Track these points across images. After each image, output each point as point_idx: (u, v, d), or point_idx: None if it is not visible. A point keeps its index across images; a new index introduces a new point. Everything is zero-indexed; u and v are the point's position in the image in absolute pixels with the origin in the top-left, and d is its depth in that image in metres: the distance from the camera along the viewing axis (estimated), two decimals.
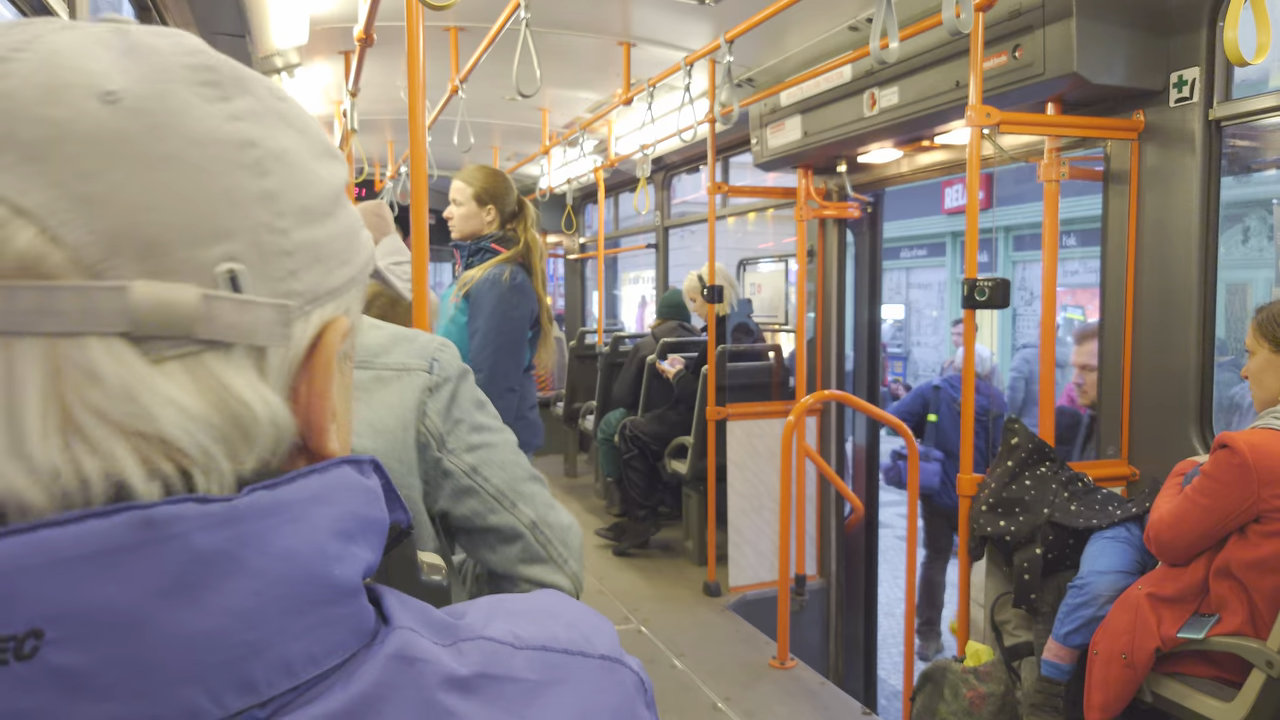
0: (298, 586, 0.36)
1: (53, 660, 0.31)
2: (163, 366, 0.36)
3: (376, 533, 0.41)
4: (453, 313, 2.86)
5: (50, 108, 0.35)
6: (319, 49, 4.10)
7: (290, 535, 0.36)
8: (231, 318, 0.37)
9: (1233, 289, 8.10)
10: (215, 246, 0.37)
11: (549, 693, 0.42)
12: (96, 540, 0.33)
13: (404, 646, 0.39)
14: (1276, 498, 1.95)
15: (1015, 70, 2.76)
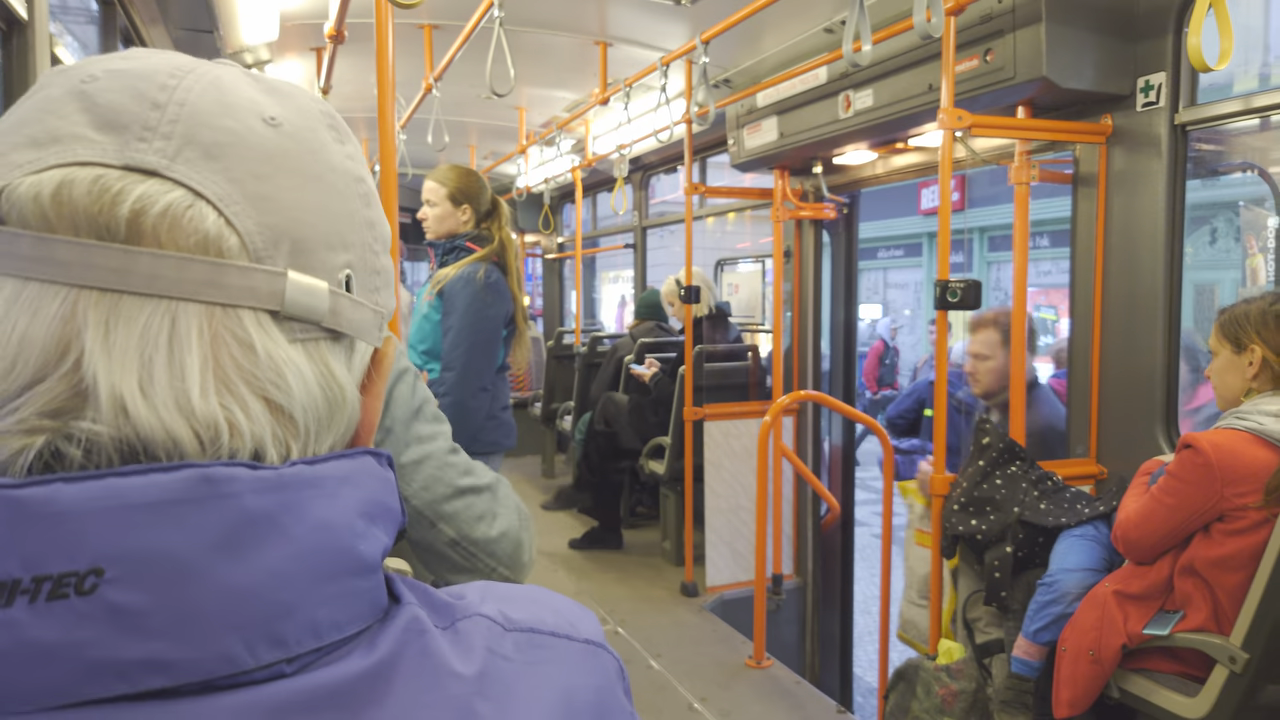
0: (328, 556, 0.40)
1: (110, 597, 0.35)
2: (295, 347, 0.42)
3: (392, 520, 0.44)
4: (426, 310, 2.85)
5: (225, 119, 0.42)
6: (290, 45, 4.07)
7: (325, 508, 0.40)
8: (349, 314, 0.45)
9: (1201, 289, 8.22)
10: (341, 254, 0.45)
11: (537, 671, 0.46)
12: (160, 491, 0.36)
13: (414, 621, 0.43)
14: (1239, 496, 1.98)
15: (986, 74, 2.78)
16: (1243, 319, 2.13)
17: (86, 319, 0.38)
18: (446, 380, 2.68)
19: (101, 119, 0.41)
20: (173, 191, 0.40)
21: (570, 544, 5.20)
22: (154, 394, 0.38)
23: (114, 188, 0.39)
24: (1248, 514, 1.97)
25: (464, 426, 2.67)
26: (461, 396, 2.66)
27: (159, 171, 0.40)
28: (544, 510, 5.72)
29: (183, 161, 0.40)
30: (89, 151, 0.40)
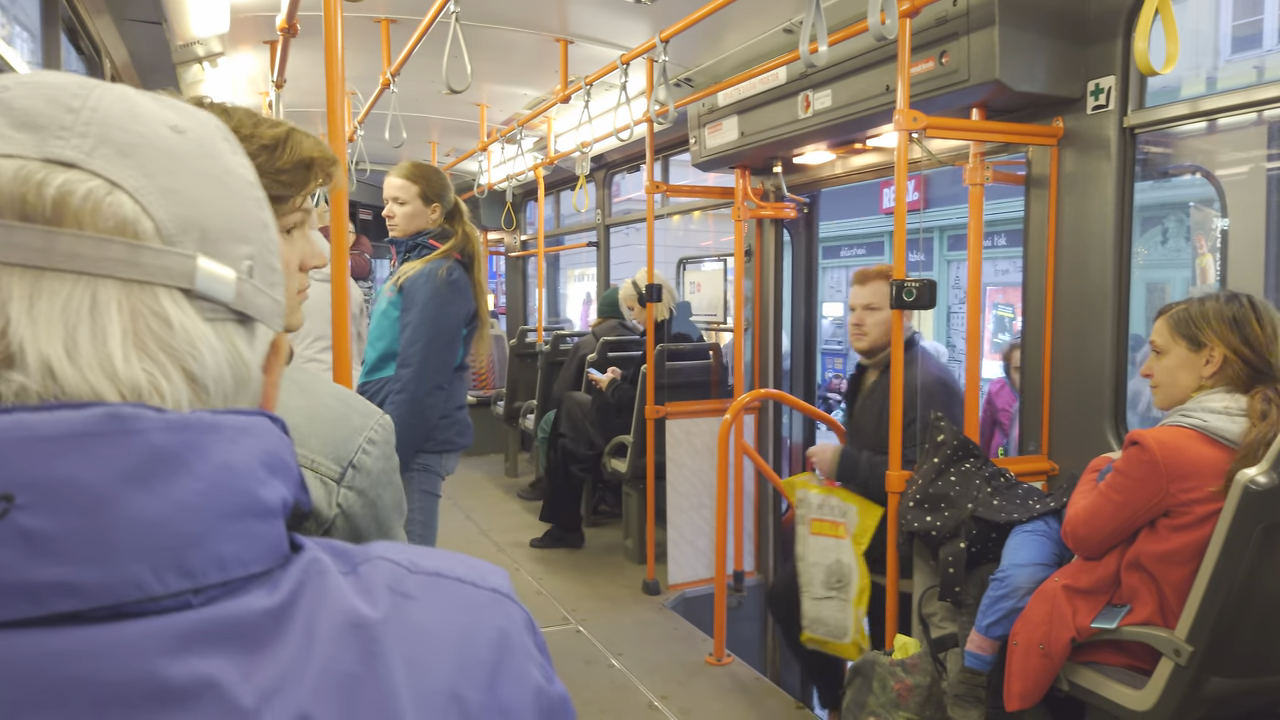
0: (232, 496, 0.42)
1: (20, 522, 0.37)
2: (207, 325, 0.46)
3: (290, 477, 0.47)
4: (384, 306, 2.81)
5: (135, 124, 0.46)
6: (243, 38, 4.01)
7: (227, 451, 0.43)
8: (253, 299, 0.49)
9: (1153, 288, 8.38)
10: (243, 246, 0.49)
11: (439, 611, 0.49)
12: (69, 425, 0.39)
13: (316, 563, 0.46)
14: (1184, 493, 2.02)
15: (942, 76, 2.81)
16: (1199, 318, 2.13)
17: (10, 293, 0.41)
18: (402, 377, 2.65)
19: (18, 120, 0.44)
20: (91, 180, 0.43)
21: (531, 543, 5.18)
22: (79, 358, 0.41)
23: (37, 176, 0.42)
24: (1192, 510, 2.01)
25: (419, 425, 2.64)
26: (417, 394, 2.63)
27: (77, 164, 0.43)
28: (520, 499, 5.68)
29: (99, 157, 0.44)
30: (8, 146, 0.43)
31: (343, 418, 1.06)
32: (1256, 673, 2.05)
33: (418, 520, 2.72)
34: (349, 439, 1.04)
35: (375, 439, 1.07)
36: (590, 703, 3.28)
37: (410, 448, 2.65)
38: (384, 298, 2.84)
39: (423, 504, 2.73)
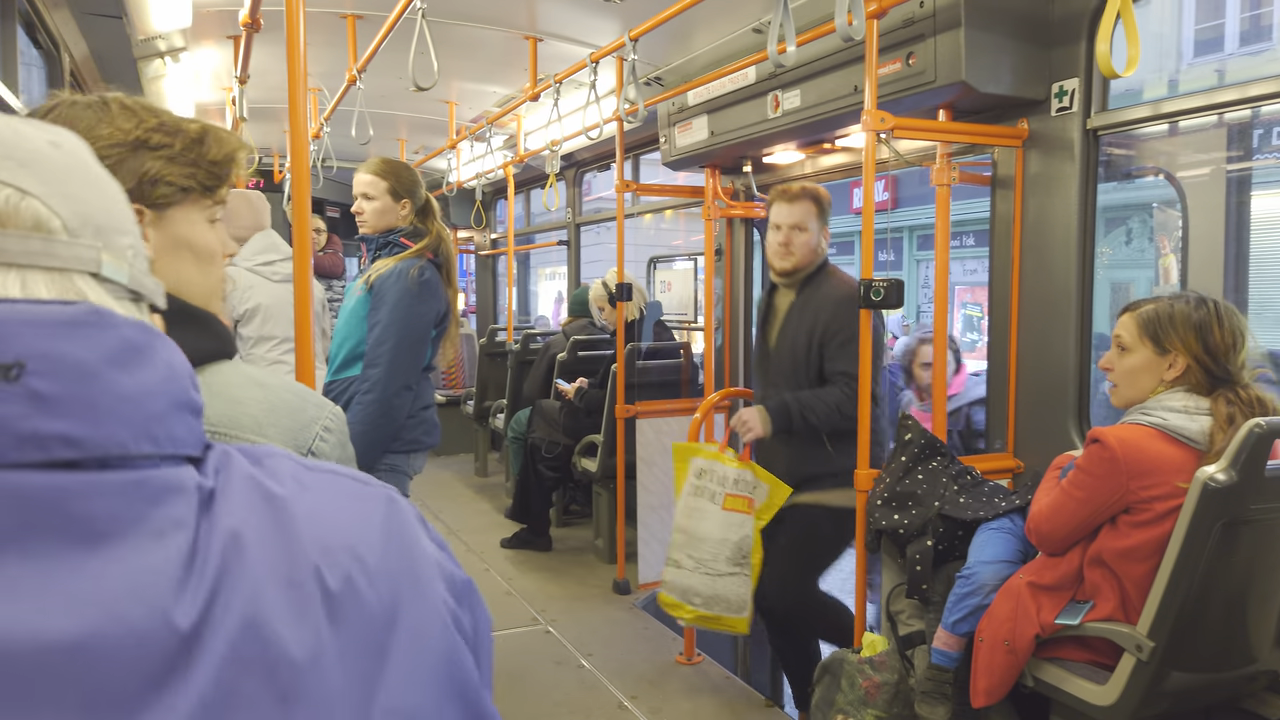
0: (178, 388, 0.53)
1: (31, 384, 0.46)
2: (115, 303, 0.54)
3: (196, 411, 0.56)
4: (353, 304, 2.78)
5: (25, 142, 0.54)
6: (206, 33, 3.95)
7: (173, 356, 0.54)
8: (142, 280, 0.58)
9: (1117, 287, 8.50)
10: (125, 237, 0.57)
11: (336, 496, 0.59)
12: (66, 315, 0.49)
13: (227, 454, 0.57)
14: (1144, 489, 2.04)
15: (909, 77, 2.83)
16: (1167, 322, 2.13)
17: None
18: (370, 377, 2.62)
19: None
20: (5, 189, 0.52)
21: (502, 543, 5.16)
22: None
23: None
24: (1153, 506, 2.04)
25: (386, 425, 2.62)
26: (385, 394, 2.60)
27: None
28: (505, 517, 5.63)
29: (5, 170, 0.52)
30: None
31: (298, 409, 1.09)
32: (1216, 667, 2.08)
33: None
34: (306, 427, 1.08)
35: (331, 427, 1.12)
36: (560, 703, 3.27)
37: (377, 448, 2.62)
38: (353, 296, 2.81)
39: None
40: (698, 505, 3.18)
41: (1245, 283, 2.91)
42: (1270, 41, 9.77)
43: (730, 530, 3.13)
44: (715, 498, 3.16)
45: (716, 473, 3.17)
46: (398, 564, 0.57)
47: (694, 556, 3.16)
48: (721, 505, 3.15)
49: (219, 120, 5.78)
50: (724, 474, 3.17)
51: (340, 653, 0.51)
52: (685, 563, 3.18)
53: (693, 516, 3.18)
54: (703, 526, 3.16)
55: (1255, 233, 3.03)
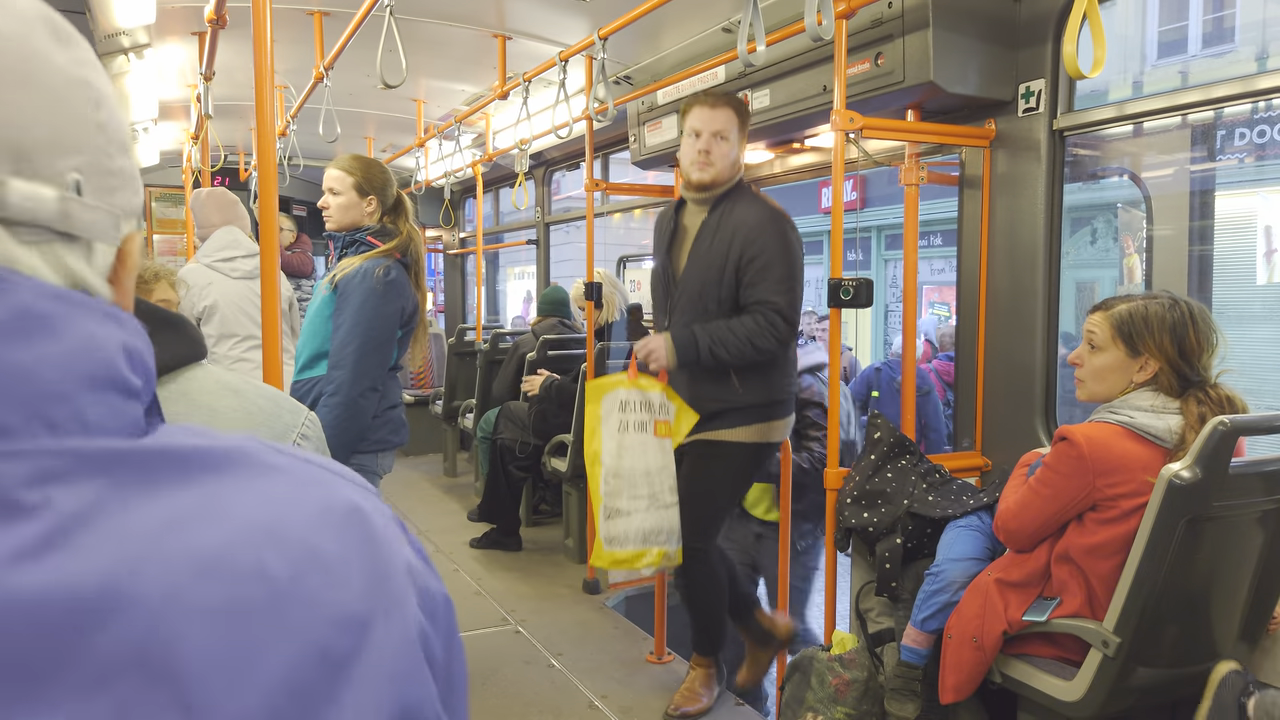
0: (95, 365, 0.44)
1: None
2: (28, 249, 0.45)
3: (146, 376, 0.48)
4: (319, 304, 2.74)
5: None
6: (170, 29, 3.89)
7: (96, 328, 0.45)
8: (81, 216, 0.47)
9: (1082, 287, 8.62)
10: (67, 159, 0.46)
11: (298, 484, 0.49)
12: None
13: (166, 433, 0.48)
14: (1110, 487, 2.07)
15: (877, 77, 2.85)
16: (1142, 325, 2.12)
17: None
18: (335, 379, 2.59)
19: None
20: None
21: (471, 543, 5.13)
22: None
23: None
24: (1119, 504, 2.06)
25: (353, 426, 2.59)
26: (350, 395, 2.57)
27: None
28: (469, 520, 5.61)
29: None
30: None
31: (274, 416, 1.07)
32: (1181, 662, 2.11)
33: None
34: (282, 436, 1.06)
35: (308, 434, 1.10)
36: (530, 703, 3.26)
37: (344, 449, 2.59)
38: (319, 295, 2.77)
39: None
40: (629, 441, 2.87)
41: (1209, 282, 2.95)
42: (1233, 44, 9.95)
43: (668, 457, 2.87)
44: (646, 427, 2.87)
45: (640, 400, 2.88)
46: (363, 562, 0.48)
47: (640, 495, 2.86)
48: (654, 433, 2.88)
49: (184, 118, 5.70)
50: (649, 400, 2.88)
51: None
52: (628, 505, 2.85)
53: (626, 455, 2.86)
54: (642, 461, 2.85)
55: (1218, 232, 3.08)
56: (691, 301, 2.88)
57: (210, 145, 5.04)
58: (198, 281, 3.59)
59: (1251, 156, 7.78)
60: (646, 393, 2.88)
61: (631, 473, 2.85)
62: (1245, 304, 7.29)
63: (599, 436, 2.89)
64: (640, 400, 2.87)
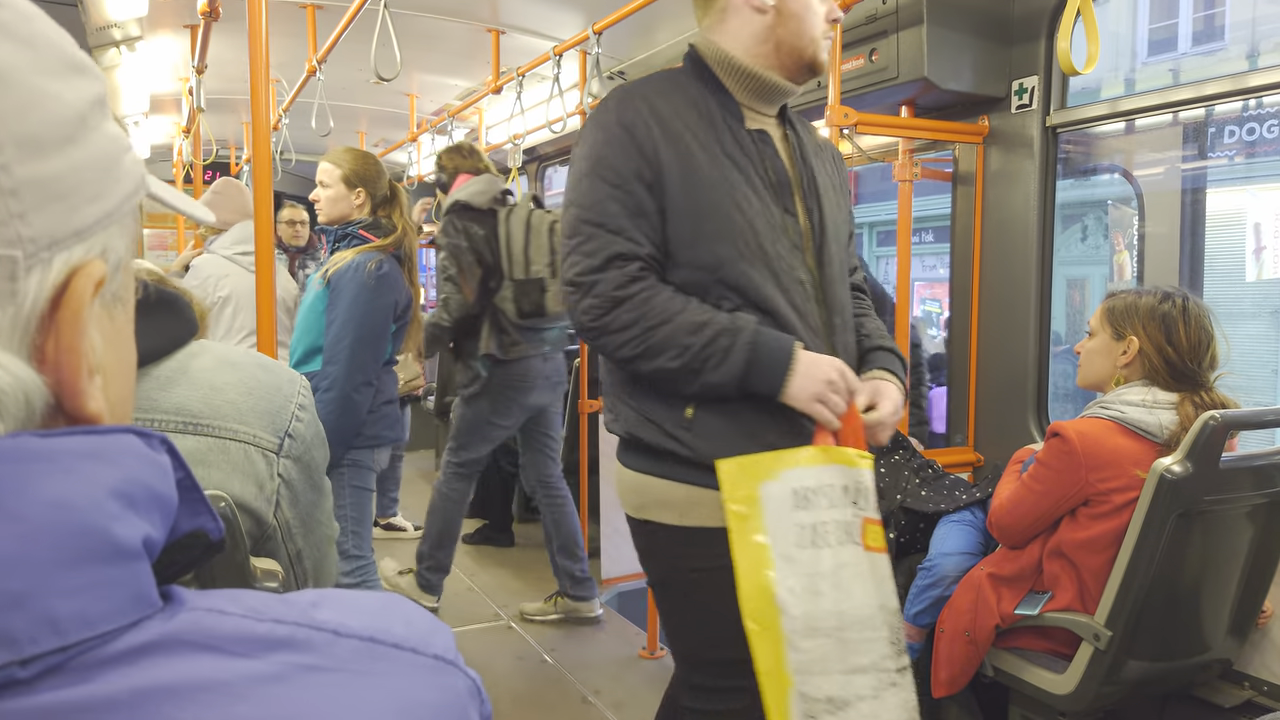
0: (69, 538, 0.33)
1: None
2: None
3: (162, 510, 0.38)
4: (312, 298, 2.74)
5: None
6: (162, 21, 3.87)
7: (61, 485, 0.34)
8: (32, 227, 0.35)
9: (1073, 283, 8.66)
10: None
11: (367, 684, 0.40)
12: None
13: (194, 626, 0.36)
14: (1103, 482, 2.08)
15: (872, 73, 2.85)
16: (1131, 310, 2.17)
17: None
18: (329, 374, 2.59)
19: None
20: None
21: (462, 539, 5.12)
22: None
23: None
24: (1110, 499, 2.08)
25: (348, 421, 2.59)
26: (346, 390, 2.57)
27: None
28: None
29: None
30: None
31: (274, 388, 1.07)
32: (1171, 655, 2.13)
33: (350, 517, 2.66)
34: (282, 408, 1.06)
35: (304, 404, 1.10)
36: (522, 699, 3.26)
37: (340, 445, 2.59)
38: (312, 290, 2.77)
39: (355, 500, 2.68)
40: (824, 564, 1.56)
41: (1199, 279, 2.97)
42: (1223, 41, 10.00)
43: (884, 586, 1.62)
44: (851, 533, 1.60)
45: (840, 487, 1.59)
46: None
47: (862, 665, 1.57)
48: (863, 543, 1.60)
49: (175, 112, 5.67)
50: (858, 484, 1.60)
51: None
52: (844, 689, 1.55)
53: (826, 590, 1.55)
54: (852, 598, 1.57)
55: (1209, 229, 3.10)
56: (841, 278, 1.74)
57: (202, 139, 5.02)
58: (214, 272, 3.57)
59: (1242, 154, 7.82)
60: (853, 472, 1.60)
61: (840, 623, 1.57)
62: (1235, 301, 7.34)
63: (766, 560, 1.54)
64: (839, 487, 1.59)
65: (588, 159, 1.60)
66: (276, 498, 1.03)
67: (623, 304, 1.53)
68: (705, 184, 1.57)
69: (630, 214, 1.55)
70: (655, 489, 1.64)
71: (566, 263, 1.59)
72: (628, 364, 1.57)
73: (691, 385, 1.55)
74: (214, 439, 0.98)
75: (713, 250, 1.56)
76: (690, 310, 1.54)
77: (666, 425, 1.60)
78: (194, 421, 0.97)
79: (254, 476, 1.01)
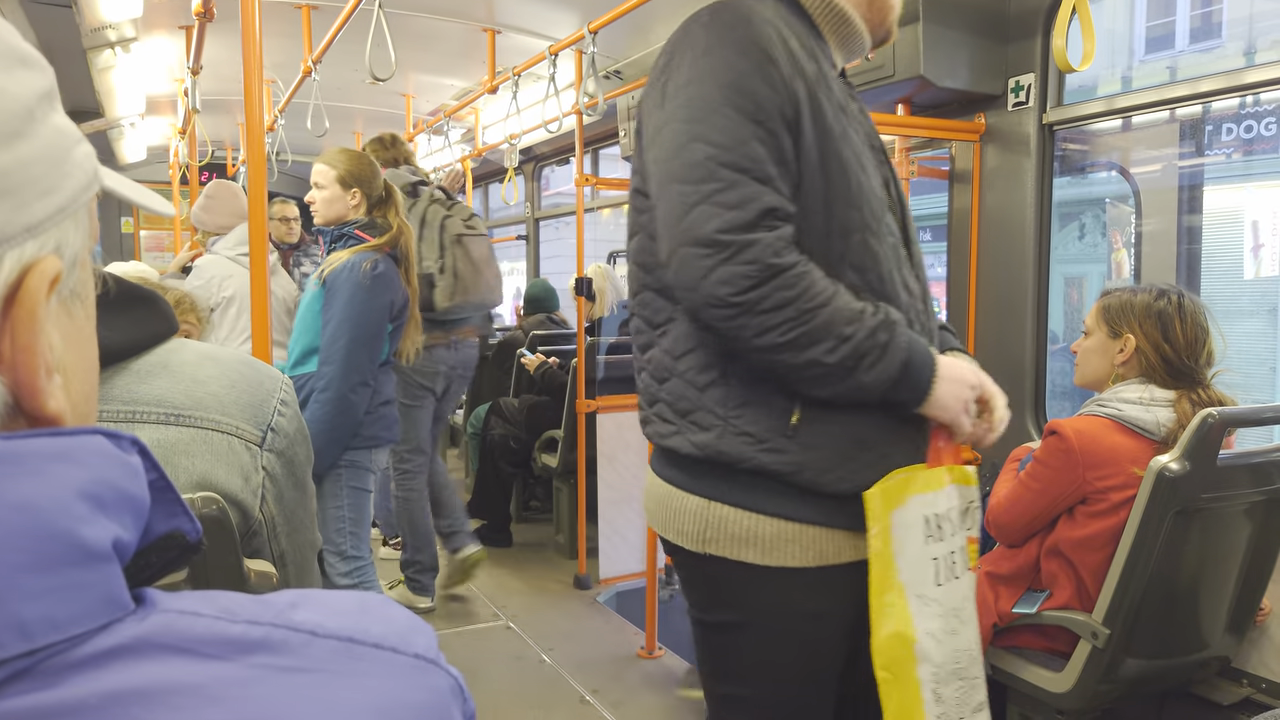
0: (35, 541, 0.32)
1: None
2: None
3: (134, 512, 0.37)
4: (309, 298, 2.74)
5: None
6: (157, 22, 3.87)
7: (27, 487, 0.33)
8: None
9: (1070, 281, 8.66)
10: None
11: (345, 684, 0.39)
12: None
13: (166, 629, 0.35)
14: (1100, 480, 2.07)
15: (869, 71, 2.85)
16: (1127, 308, 2.17)
17: None
18: (326, 374, 2.59)
19: None
20: None
21: None
22: None
23: None
24: (1108, 497, 2.07)
25: (345, 422, 2.58)
26: (342, 391, 2.57)
27: None
28: None
29: None
30: None
31: (256, 383, 1.06)
32: (1169, 653, 2.13)
33: (349, 518, 2.66)
34: (264, 402, 1.06)
35: (286, 399, 1.09)
36: (521, 699, 3.26)
37: (337, 445, 2.59)
38: (309, 290, 2.77)
39: (353, 501, 2.68)
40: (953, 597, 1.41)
41: (1197, 276, 2.97)
42: (1220, 39, 10.01)
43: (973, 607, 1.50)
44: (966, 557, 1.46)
45: (959, 510, 1.45)
46: None
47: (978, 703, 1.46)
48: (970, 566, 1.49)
49: (170, 113, 5.66)
50: (970, 503, 1.49)
51: None
52: None
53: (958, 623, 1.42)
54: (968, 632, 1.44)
55: (1206, 227, 3.09)
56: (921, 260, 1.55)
57: (198, 140, 5.02)
58: (218, 273, 3.57)
59: (1239, 151, 7.82)
60: (970, 491, 1.49)
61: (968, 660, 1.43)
62: (1233, 298, 7.34)
63: (903, 602, 1.35)
64: (959, 510, 1.46)
65: (718, 83, 1.24)
66: (262, 491, 1.03)
67: (778, 275, 1.21)
68: (833, 134, 1.29)
69: (775, 160, 1.24)
70: (730, 520, 1.34)
71: (692, 215, 1.22)
72: (767, 354, 1.24)
73: (835, 387, 1.26)
74: (196, 429, 0.97)
75: (844, 216, 1.29)
76: (842, 292, 1.26)
77: (765, 436, 1.30)
78: (175, 412, 0.96)
79: (239, 467, 1.00)
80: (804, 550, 1.33)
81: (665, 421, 1.41)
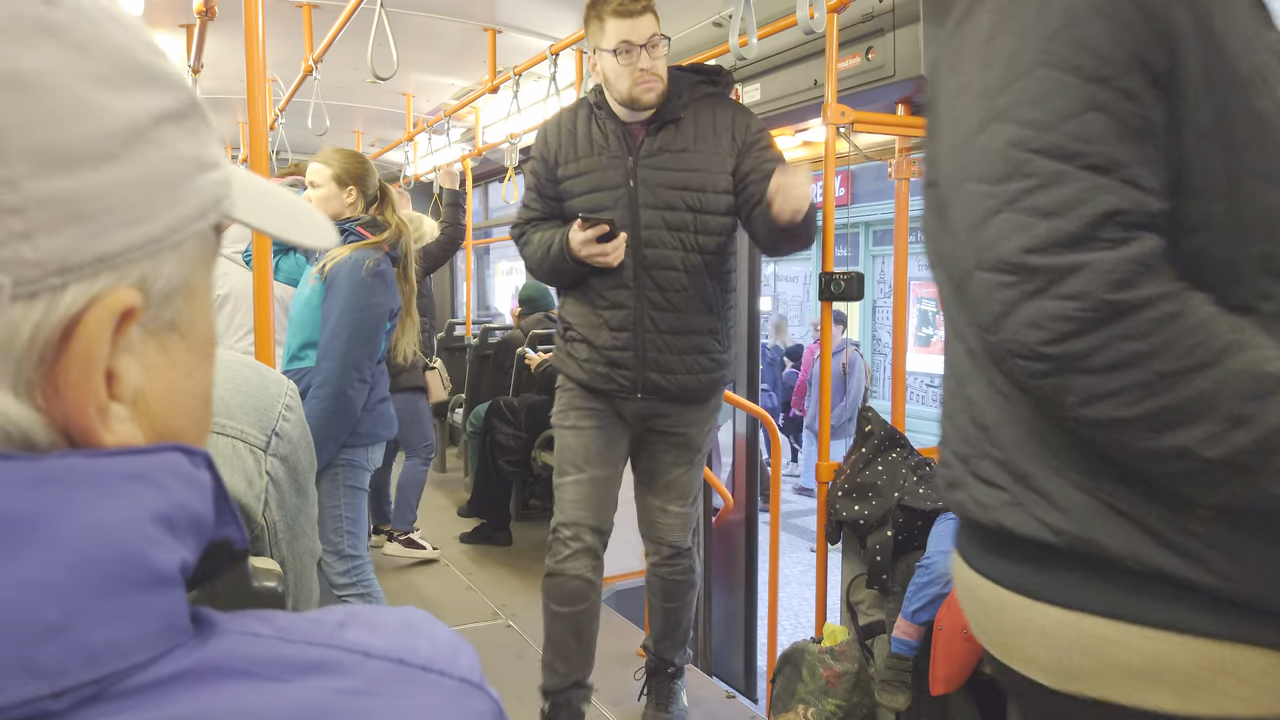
0: (109, 566, 0.32)
1: None
2: None
3: (199, 532, 0.37)
4: (308, 293, 2.74)
5: None
6: (158, 21, 3.87)
7: (104, 509, 0.32)
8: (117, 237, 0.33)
9: None
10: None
11: (398, 707, 0.39)
12: None
13: (230, 652, 0.35)
14: None
15: (868, 71, 2.86)
16: None
17: None
18: (324, 370, 2.59)
19: None
20: None
21: (461, 538, 5.13)
22: None
23: None
24: None
25: (342, 419, 2.59)
26: (340, 387, 2.57)
27: None
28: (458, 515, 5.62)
29: None
30: None
31: (261, 387, 1.07)
32: None
33: (346, 516, 2.66)
34: (270, 407, 1.06)
35: (291, 405, 1.10)
36: (521, 698, 3.26)
37: (334, 442, 2.59)
38: (307, 284, 2.77)
39: (349, 499, 2.68)
40: None
41: None
42: None
43: None
44: None
45: None
46: None
47: None
48: None
49: None
50: None
51: None
52: None
53: None
54: None
55: None
56: None
57: None
58: None
59: None
60: None
61: None
62: None
63: None
64: None
65: (1037, 34, 0.86)
66: (265, 496, 1.03)
67: (1123, 317, 0.81)
68: (1240, 78, 0.86)
69: (1129, 135, 0.84)
70: (1120, 643, 0.90)
71: (991, 227, 0.87)
72: (1100, 430, 0.86)
73: (1223, 493, 0.84)
74: None
75: (1263, 200, 0.87)
76: (1252, 342, 0.82)
77: (1158, 526, 0.88)
78: None
79: (243, 472, 1.00)
80: (1249, 696, 0.86)
81: (987, 484, 0.99)
